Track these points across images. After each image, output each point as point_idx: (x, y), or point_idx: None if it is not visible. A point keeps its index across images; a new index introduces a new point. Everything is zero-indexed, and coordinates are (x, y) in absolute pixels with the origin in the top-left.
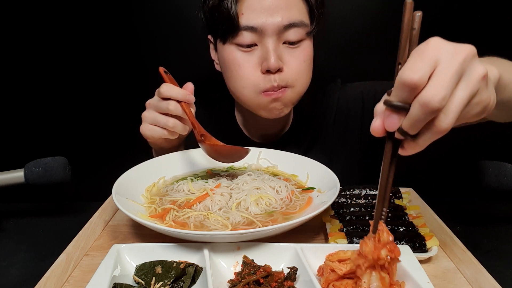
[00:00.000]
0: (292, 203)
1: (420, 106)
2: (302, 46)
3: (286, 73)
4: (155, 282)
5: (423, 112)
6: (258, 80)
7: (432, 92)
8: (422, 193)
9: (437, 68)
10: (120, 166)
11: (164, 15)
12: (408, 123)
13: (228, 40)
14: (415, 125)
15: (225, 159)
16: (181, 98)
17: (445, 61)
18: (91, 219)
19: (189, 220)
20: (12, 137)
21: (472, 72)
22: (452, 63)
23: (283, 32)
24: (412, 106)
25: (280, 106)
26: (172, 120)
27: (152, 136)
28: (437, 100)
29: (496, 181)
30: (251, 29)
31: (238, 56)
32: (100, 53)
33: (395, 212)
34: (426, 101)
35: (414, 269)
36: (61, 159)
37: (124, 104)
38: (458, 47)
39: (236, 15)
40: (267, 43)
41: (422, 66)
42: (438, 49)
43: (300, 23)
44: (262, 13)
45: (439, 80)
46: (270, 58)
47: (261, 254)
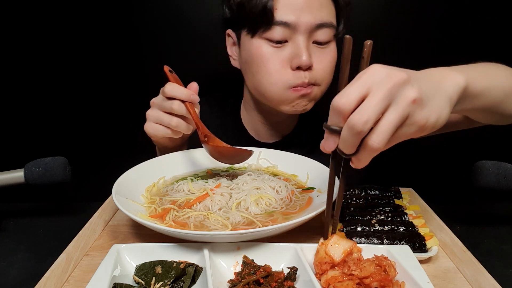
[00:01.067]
0: (292, 203)
1: (348, 128)
2: (330, 47)
3: (315, 72)
4: (155, 282)
5: (351, 134)
6: (288, 76)
7: (358, 116)
8: (422, 193)
9: (368, 93)
10: (120, 166)
11: (166, 14)
12: (341, 145)
13: (257, 34)
14: (348, 145)
15: (227, 160)
16: (185, 98)
17: (375, 87)
18: (91, 219)
19: (189, 220)
20: (12, 137)
21: (401, 96)
22: (381, 89)
23: (314, 32)
24: (343, 129)
25: (305, 102)
26: (176, 120)
27: (155, 134)
28: (360, 123)
29: (496, 181)
30: (284, 25)
31: (268, 51)
32: (100, 53)
33: (395, 212)
34: (352, 124)
35: (414, 269)
36: (61, 159)
37: (124, 104)
38: (391, 73)
39: (272, 9)
40: (299, 40)
41: (351, 92)
42: (371, 75)
43: (330, 24)
44: (296, 10)
45: (366, 104)
46: (302, 55)
47: (261, 254)
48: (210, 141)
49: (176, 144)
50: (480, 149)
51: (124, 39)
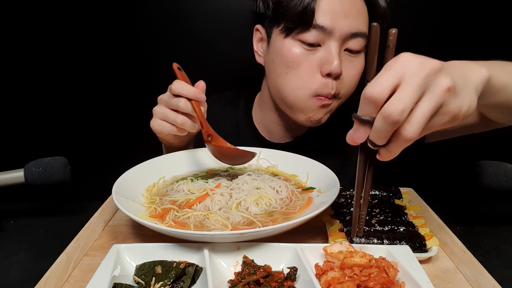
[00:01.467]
0: (292, 203)
1: (383, 119)
2: (360, 58)
3: (342, 82)
4: (155, 282)
5: (385, 124)
6: (317, 83)
7: (394, 105)
8: (422, 193)
9: (401, 82)
10: (120, 166)
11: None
12: (373, 135)
13: (292, 35)
14: (381, 136)
15: (230, 161)
16: (191, 96)
17: (409, 75)
18: (91, 219)
19: (189, 220)
20: (12, 137)
21: (436, 85)
22: (415, 77)
23: (348, 40)
24: (376, 119)
25: (321, 115)
26: (181, 117)
27: (161, 131)
28: (396, 113)
29: (496, 181)
30: (320, 29)
31: (299, 52)
32: (100, 53)
33: (395, 212)
34: (387, 114)
35: (414, 269)
36: (61, 159)
37: (125, 104)
38: (424, 62)
39: (313, 11)
40: (331, 46)
41: (384, 81)
42: (404, 64)
43: (364, 33)
44: (333, 15)
45: (401, 93)
46: (333, 61)
47: (261, 254)
48: (213, 141)
49: (182, 142)
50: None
51: (125, 38)
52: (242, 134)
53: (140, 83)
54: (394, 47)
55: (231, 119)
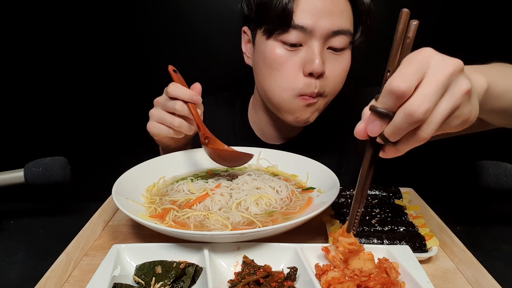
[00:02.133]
0: (292, 203)
1: (405, 116)
2: (344, 55)
3: (326, 80)
4: (155, 282)
5: (406, 122)
6: (300, 83)
7: (417, 103)
8: (422, 193)
9: (424, 78)
10: (120, 166)
11: (169, 13)
12: (390, 131)
13: (273, 36)
14: (397, 133)
15: (227, 163)
16: (187, 99)
17: (433, 72)
18: (91, 219)
19: (189, 220)
20: (12, 137)
21: (457, 86)
22: (439, 75)
23: (330, 38)
24: (396, 115)
25: (308, 114)
26: (178, 120)
27: (158, 134)
28: (421, 112)
29: (496, 181)
30: (300, 29)
31: (282, 53)
32: (100, 53)
33: (395, 212)
34: (411, 111)
35: (414, 269)
36: (61, 159)
37: (125, 104)
38: (447, 60)
39: (291, 12)
40: (313, 45)
41: (410, 75)
42: (427, 60)
43: (347, 31)
44: (314, 15)
45: (425, 91)
46: (315, 61)
47: (261, 254)
48: (210, 143)
49: (179, 144)
50: (480, 149)
51: (125, 38)
52: (238, 135)
53: (140, 83)
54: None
55: (227, 120)
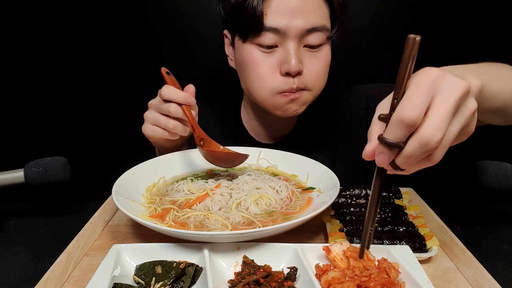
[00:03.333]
0: (292, 203)
1: (419, 146)
2: (322, 51)
3: (306, 77)
4: (155, 282)
5: (420, 151)
6: (277, 82)
7: (432, 132)
8: (422, 193)
9: (434, 103)
10: (120, 166)
11: (166, 15)
12: (403, 161)
13: (248, 39)
14: (410, 162)
15: (223, 164)
16: (181, 101)
17: (442, 97)
18: (91, 219)
19: (189, 220)
20: (12, 137)
21: (466, 108)
22: (450, 100)
23: (305, 36)
24: (409, 144)
25: (295, 107)
26: (173, 122)
27: (153, 136)
28: (436, 141)
29: (496, 181)
30: (274, 31)
31: (257, 56)
32: (100, 53)
33: (395, 212)
34: (426, 141)
35: (414, 269)
36: (61, 159)
37: (124, 104)
38: (455, 83)
39: (261, 15)
40: (289, 46)
41: (420, 102)
42: (436, 83)
43: (322, 27)
44: (286, 15)
45: (438, 118)
46: (291, 61)
47: (261, 254)
48: (206, 145)
49: (174, 145)
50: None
51: (124, 39)
52: (232, 135)
53: (140, 83)
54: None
55: (221, 120)
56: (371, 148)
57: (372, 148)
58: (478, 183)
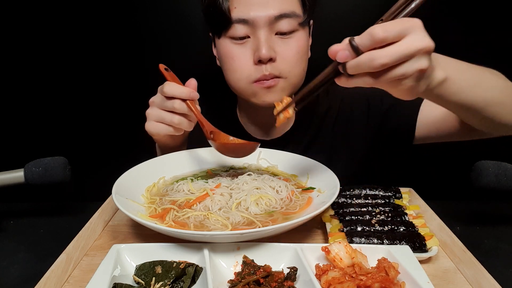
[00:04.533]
0: (292, 203)
1: (368, 59)
2: (295, 37)
3: (279, 64)
4: (155, 282)
5: (366, 65)
6: (251, 70)
7: (382, 54)
8: (422, 193)
9: (400, 41)
10: (120, 166)
11: (164, 14)
12: (351, 65)
13: (222, 34)
14: (355, 69)
15: (236, 154)
16: (185, 97)
17: (408, 40)
18: (91, 219)
19: (189, 220)
20: (12, 137)
21: (418, 61)
22: (411, 46)
23: (275, 23)
24: (362, 56)
25: (273, 96)
26: (178, 117)
27: (157, 133)
28: (378, 64)
29: (496, 181)
30: (243, 22)
31: (232, 48)
32: (100, 53)
33: (395, 212)
34: (374, 57)
35: (414, 269)
36: (61, 159)
37: (124, 104)
38: (424, 38)
39: (228, 9)
40: (259, 35)
41: (392, 31)
42: (412, 28)
43: (292, 13)
44: (254, 6)
45: (393, 50)
46: (261, 49)
47: (261, 254)
48: (216, 137)
49: (177, 142)
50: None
51: (123, 39)
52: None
53: (139, 82)
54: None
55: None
56: (339, 47)
57: (340, 46)
58: (478, 183)
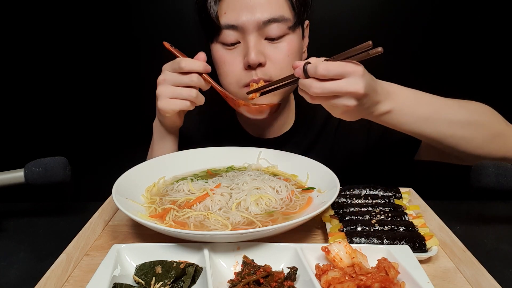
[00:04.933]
0: (292, 203)
1: (307, 84)
2: (286, 41)
3: (268, 68)
4: (155, 282)
5: (305, 87)
6: (241, 75)
7: (316, 86)
8: (422, 193)
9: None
10: (120, 166)
11: (163, 13)
12: (300, 82)
13: (214, 40)
14: (301, 86)
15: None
16: (202, 70)
17: (342, 83)
18: (91, 219)
19: (189, 220)
20: (12, 137)
21: (346, 100)
22: (342, 88)
23: (263, 28)
24: (306, 80)
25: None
26: (195, 91)
27: (173, 109)
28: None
29: (496, 181)
30: (232, 28)
31: (223, 54)
32: (99, 54)
33: (395, 212)
34: (310, 85)
35: (414, 269)
36: (61, 159)
37: (124, 104)
38: (356, 85)
39: (217, 15)
40: (248, 40)
41: (332, 72)
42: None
43: (281, 18)
44: (242, 11)
45: (326, 87)
46: (250, 54)
47: (261, 254)
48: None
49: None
50: None
51: (123, 40)
52: (228, 133)
53: (140, 83)
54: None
55: (216, 117)
56: (299, 64)
57: (300, 64)
58: (478, 183)
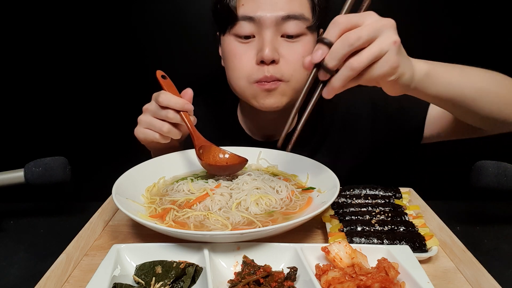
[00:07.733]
0: (292, 203)
1: (341, 41)
2: (302, 41)
3: (281, 66)
4: (155, 282)
5: (341, 46)
6: (252, 70)
7: (352, 33)
8: (422, 193)
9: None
10: (120, 166)
11: (165, 14)
12: (329, 56)
13: (227, 31)
14: (334, 57)
15: (223, 172)
16: (179, 108)
17: (370, 22)
18: (91, 219)
19: (189, 220)
20: (12, 137)
21: (386, 35)
22: (374, 24)
23: (281, 24)
24: (336, 42)
25: (273, 99)
26: (167, 126)
27: (144, 138)
28: (354, 37)
29: (496, 181)
30: (249, 20)
31: (235, 46)
32: (100, 54)
33: (395, 212)
34: (346, 37)
35: (414, 269)
36: (61, 159)
37: (124, 104)
38: (383, 19)
39: (235, 6)
40: (264, 34)
41: (352, 17)
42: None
43: (300, 16)
44: (262, 4)
45: (360, 29)
46: (265, 49)
47: (261, 254)
48: (205, 152)
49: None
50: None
51: (123, 40)
52: (229, 134)
53: (139, 83)
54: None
55: (217, 119)
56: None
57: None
58: (478, 183)
